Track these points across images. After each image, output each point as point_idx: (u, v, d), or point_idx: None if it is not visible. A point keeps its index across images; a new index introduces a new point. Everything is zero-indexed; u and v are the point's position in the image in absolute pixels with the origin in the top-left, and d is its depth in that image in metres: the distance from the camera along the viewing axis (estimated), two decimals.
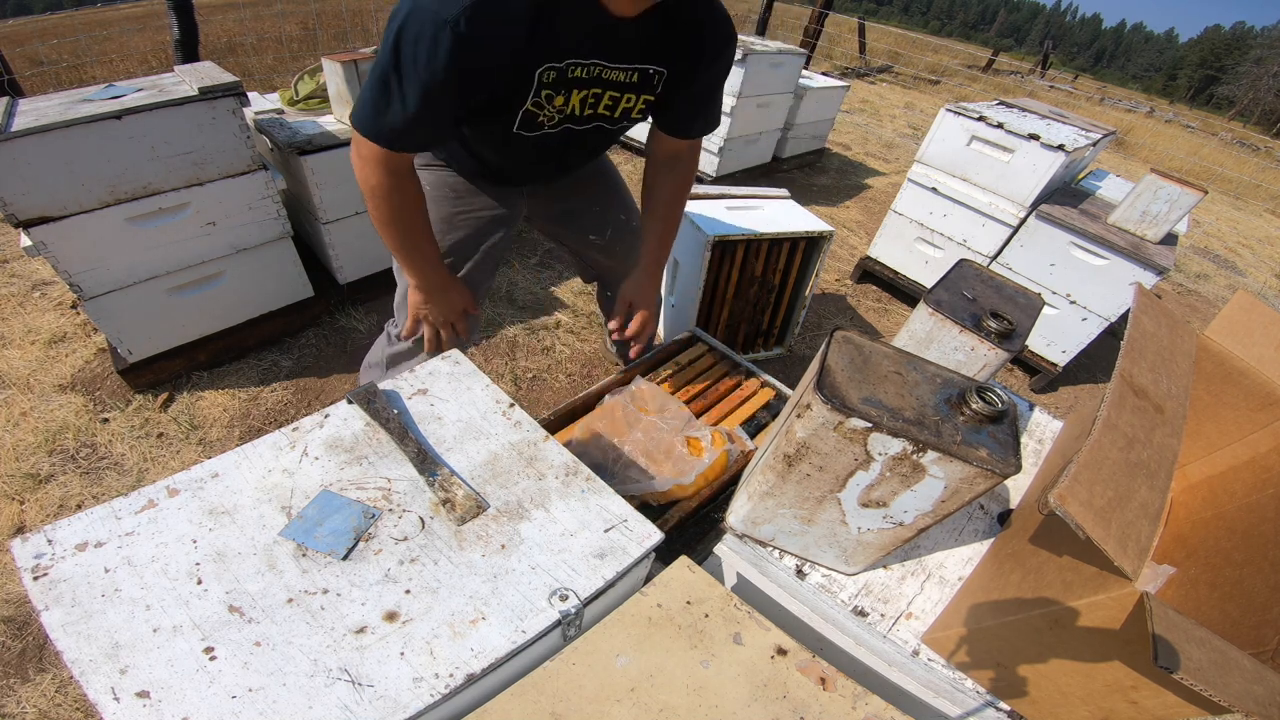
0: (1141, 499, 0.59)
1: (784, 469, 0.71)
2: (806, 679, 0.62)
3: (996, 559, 0.84)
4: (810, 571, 0.86)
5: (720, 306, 1.93)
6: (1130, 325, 0.80)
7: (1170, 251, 2.02)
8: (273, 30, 5.67)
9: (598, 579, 0.64)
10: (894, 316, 2.73)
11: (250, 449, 0.72)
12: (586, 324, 2.31)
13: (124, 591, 0.56)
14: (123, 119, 1.38)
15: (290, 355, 1.96)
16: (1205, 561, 0.78)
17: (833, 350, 0.68)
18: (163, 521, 0.63)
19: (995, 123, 2.21)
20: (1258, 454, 0.88)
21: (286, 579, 0.60)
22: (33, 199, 1.33)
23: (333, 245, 1.98)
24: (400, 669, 0.55)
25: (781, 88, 3.40)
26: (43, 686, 1.17)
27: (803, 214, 1.95)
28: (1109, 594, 0.56)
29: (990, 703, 0.74)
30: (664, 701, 0.58)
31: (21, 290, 2.12)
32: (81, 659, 0.51)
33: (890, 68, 9.28)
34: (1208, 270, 4.24)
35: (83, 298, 1.50)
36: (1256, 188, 6.89)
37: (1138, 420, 0.68)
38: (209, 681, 0.52)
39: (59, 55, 4.33)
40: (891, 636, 0.79)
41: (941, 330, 0.93)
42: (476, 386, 0.85)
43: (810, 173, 4.24)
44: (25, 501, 1.45)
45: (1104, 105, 11.56)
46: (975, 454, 0.61)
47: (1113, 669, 0.58)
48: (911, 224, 2.59)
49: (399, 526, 0.66)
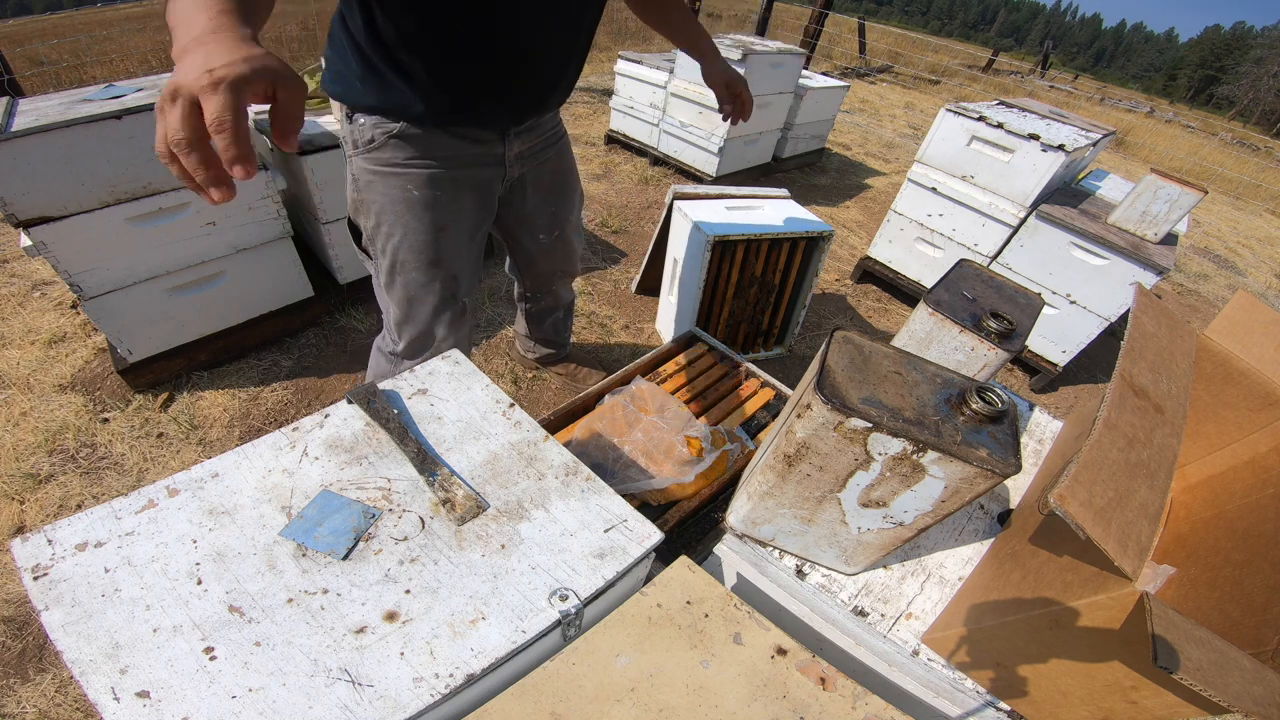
0: (1141, 499, 0.59)
1: (784, 469, 0.71)
2: (806, 679, 0.62)
3: (996, 559, 0.84)
4: (810, 571, 0.86)
5: (720, 306, 1.93)
6: (1130, 325, 0.80)
7: (1170, 251, 2.02)
8: (272, 31, 5.67)
9: (598, 579, 0.64)
10: (894, 316, 2.73)
11: (250, 449, 0.72)
12: (587, 324, 2.31)
13: (124, 591, 0.56)
14: (123, 119, 1.38)
15: (290, 355, 1.96)
16: (1205, 562, 0.78)
17: (833, 350, 0.68)
18: (163, 521, 0.63)
19: (995, 123, 2.21)
20: (1257, 454, 0.88)
21: (286, 579, 0.60)
22: (33, 199, 1.33)
23: (333, 245, 1.98)
24: (400, 669, 0.55)
25: (781, 88, 3.40)
26: (43, 686, 1.17)
27: (803, 214, 1.95)
28: (1109, 594, 0.56)
29: (990, 703, 0.74)
30: (664, 701, 0.58)
31: (21, 290, 2.12)
32: (81, 659, 0.51)
33: (890, 68, 9.28)
34: (1208, 270, 4.24)
35: (83, 298, 1.50)
36: (1256, 188, 6.89)
37: (1138, 420, 0.68)
38: (209, 681, 0.52)
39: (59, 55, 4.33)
40: (891, 636, 0.79)
41: (941, 330, 0.93)
42: (476, 386, 0.85)
43: (810, 173, 4.25)
44: (25, 501, 1.45)
45: (1104, 105, 11.56)
46: (975, 454, 0.61)
47: (1112, 669, 0.58)
48: (911, 224, 2.59)
49: (399, 526, 0.66)
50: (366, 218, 1.15)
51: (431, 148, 1.08)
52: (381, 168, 1.09)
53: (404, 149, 1.07)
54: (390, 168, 1.08)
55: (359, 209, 1.15)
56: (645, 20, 1.34)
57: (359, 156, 1.09)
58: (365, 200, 1.13)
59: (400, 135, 1.05)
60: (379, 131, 1.05)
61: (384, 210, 1.12)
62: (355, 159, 1.10)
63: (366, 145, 1.07)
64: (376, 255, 1.20)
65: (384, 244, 1.16)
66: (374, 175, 1.10)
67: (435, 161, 1.10)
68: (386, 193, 1.10)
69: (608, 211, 3.15)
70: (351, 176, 1.14)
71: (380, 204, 1.12)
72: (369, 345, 2.02)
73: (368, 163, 1.09)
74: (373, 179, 1.10)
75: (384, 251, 1.18)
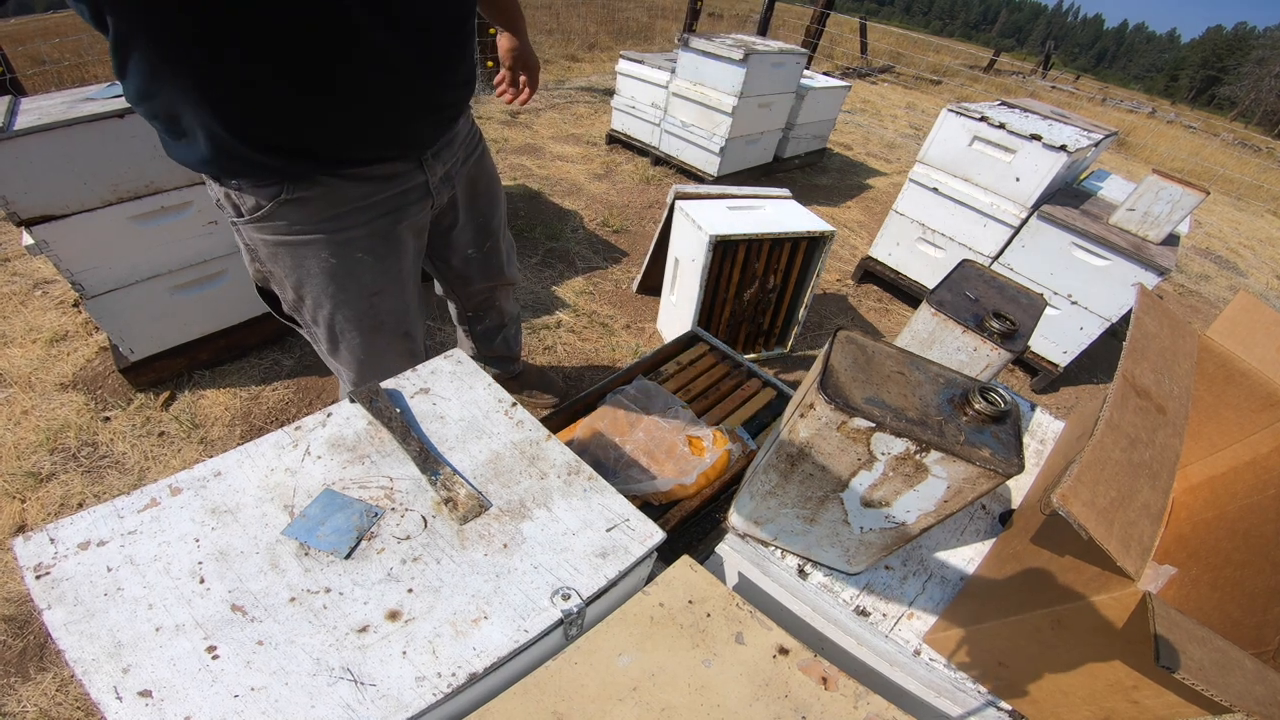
0: (1144, 499, 0.59)
1: (786, 468, 0.71)
2: (808, 678, 0.62)
3: (998, 559, 0.84)
4: (812, 571, 0.86)
5: (721, 306, 1.93)
6: (1133, 326, 0.80)
7: (1172, 252, 2.02)
8: None
9: (600, 578, 0.64)
10: (895, 317, 2.73)
11: (252, 448, 0.72)
12: (588, 324, 2.31)
13: (126, 590, 0.56)
14: (125, 118, 1.38)
15: (292, 354, 1.96)
16: (1206, 562, 0.78)
17: (836, 350, 0.68)
18: (165, 520, 0.63)
19: (997, 123, 2.21)
20: (1259, 455, 0.88)
21: (289, 578, 0.60)
22: (35, 197, 1.33)
23: None
24: (403, 668, 0.55)
25: (783, 88, 3.40)
26: (44, 685, 1.17)
27: (804, 214, 1.95)
28: (1111, 594, 0.56)
29: (991, 702, 0.74)
30: (666, 701, 0.58)
31: (23, 289, 2.12)
32: (84, 658, 0.51)
33: (892, 68, 9.27)
34: (1209, 271, 4.24)
35: (84, 296, 1.50)
36: (1258, 188, 6.88)
37: (1140, 421, 0.68)
38: (211, 680, 0.52)
39: (61, 54, 4.33)
40: (893, 636, 0.79)
41: (944, 331, 0.93)
42: (479, 385, 0.85)
43: (812, 173, 4.24)
44: (27, 500, 1.46)
45: (1106, 106, 11.55)
46: (978, 454, 0.61)
47: (1114, 669, 0.58)
48: (913, 224, 2.59)
49: (401, 525, 0.66)
50: (281, 289, 0.98)
51: (336, 203, 0.88)
52: (282, 237, 0.88)
53: (301, 211, 0.86)
54: (293, 236, 0.88)
55: (268, 280, 0.98)
56: None
57: (247, 226, 0.88)
58: (274, 273, 0.95)
59: (292, 200, 0.84)
60: (262, 197, 0.84)
61: (301, 283, 0.94)
62: (244, 229, 0.89)
63: (252, 213, 0.86)
64: (308, 324, 1.03)
65: (313, 315, 1.00)
66: (276, 247, 0.90)
67: (346, 219, 0.90)
68: (298, 265, 0.91)
69: (609, 211, 3.15)
70: (244, 245, 0.94)
71: (295, 277, 0.93)
72: None
73: (261, 233, 0.88)
74: (276, 250, 0.90)
75: (316, 322, 1.01)
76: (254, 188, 0.83)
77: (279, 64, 0.71)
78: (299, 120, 0.78)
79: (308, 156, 0.82)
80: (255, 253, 0.93)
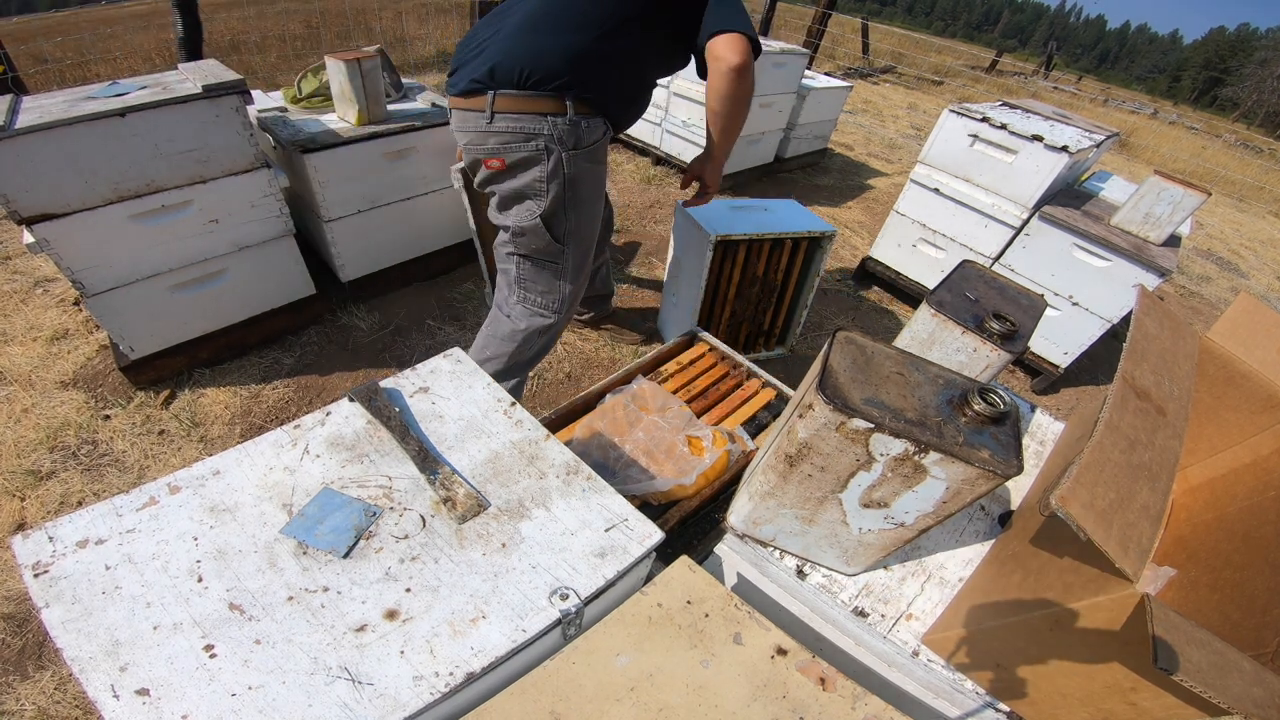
0: (1143, 501, 0.59)
1: (785, 469, 0.71)
2: (806, 679, 0.62)
3: (997, 560, 0.83)
4: (811, 572, 0.86)
5: (722, 306, 1.93)
6: (1133, 327, 0.80)
7: (1173, 253, 2.02)
8: (276, 29, 5.68)
9: (598, 578, 0.64)
10: (895, 317, 2.73)
11: (251, 446, 0.72)
12: (588, 323, 2.30)
13: (124, 589, 0.56)
14: (126, 117, 1.38)
15: (292, 353, 1.97)
16: (1206, 564, 0.78)
17: (835, 350, 0.68)
18: (164, 519, 0.63)
19: (998, 124, 2.20)
20: (1259, 456, 0.87)
21: (287, 577, 0.60)
22: (36, 196, 1.33)
23: (335, 243, 1.99)
24: (400, 667, 0.55)
25: (784, 88, 3.39)
26: (42, 684, 1.17)
27: (805, 214, 1.95)
28: (1109, 596, 0.56)
29: (990, 704, 0.74)
30: (664, 701, 0.58)
31: (24, 287, 2.12)
32: (81, 656, 0.51)
33: (893, 68, 9.27)
34: (1210, 272, 4.23)
35: (85, 295, 1.50)
36: (1260, 190, 6.88)
37: (1140, 422, 0.68)
38: (209, 679, 0.52)
39: (63, 53, 4.34)
40: (891, 637, 0.79)
41: (944, 331, 0.93)
42: (478, 385, 0.85)
43: (813, 173, 4.24)
44: (26, 498, 1.46)
45: (1108, 106, 11.54)
46: (977, 455, 0.61)
47: (1112, 670, 0.58)
48: (914, 225, 2.59)
49: (400, 525, 0.66)
50: (575, 209, 1.34)
51: (607, 150, 1.37)
52: (596, 164, 1.34)
53: (604, 150, 1.36)
54: (598, 165, 1.35)
55: (566, 205, 1.33)
56: None
57: (579, 153, 1.28)
58: (575, 195, 1.32)
59: (605, 141, 1.34)
60: (603, 132, 1.32)
61: (589, 199, 1.36)
62: (574, 156, 1.28)
63: (590, 143, 1.29)
64: (569, 247, 1.39)
65: (588, 229, 1.40)
66: (591, 166, 1.33)
67: (606, 160, 1.39)
68: (595, 182, 1.36)
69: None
70: (562, 178, 1.29)
71: (587, 192, 1.35)
72: (370, 343, 2.03)
73: (587, 159, 1.31)
74: (595, 170, 1.35)
75: (580, 238, 1.39)
76: (604, 125, 1.32)
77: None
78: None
79: (616, 124, 1.36)
80: (573, 181, 1.31)
